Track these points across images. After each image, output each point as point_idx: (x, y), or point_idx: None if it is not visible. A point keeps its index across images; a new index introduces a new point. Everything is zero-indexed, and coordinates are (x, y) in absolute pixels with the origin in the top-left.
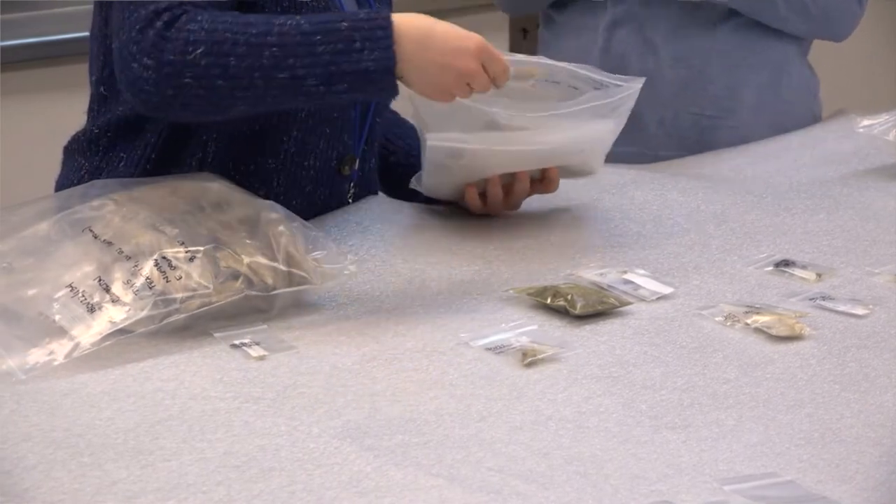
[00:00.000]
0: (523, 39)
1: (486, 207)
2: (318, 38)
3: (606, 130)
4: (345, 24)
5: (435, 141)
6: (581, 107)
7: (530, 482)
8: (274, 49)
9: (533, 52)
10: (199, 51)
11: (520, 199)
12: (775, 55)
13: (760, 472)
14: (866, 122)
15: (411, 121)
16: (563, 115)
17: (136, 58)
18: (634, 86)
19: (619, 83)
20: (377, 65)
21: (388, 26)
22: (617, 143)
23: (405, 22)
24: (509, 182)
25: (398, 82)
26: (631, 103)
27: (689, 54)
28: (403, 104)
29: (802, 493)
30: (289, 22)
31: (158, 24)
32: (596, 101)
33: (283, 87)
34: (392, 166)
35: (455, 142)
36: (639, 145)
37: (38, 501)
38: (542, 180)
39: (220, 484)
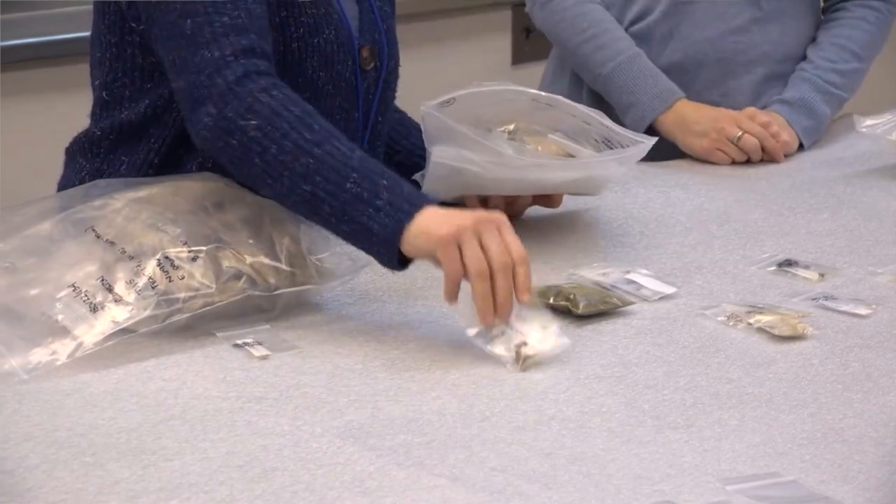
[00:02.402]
0: (526, 39)
1: None
2: (354, 175)
3: (613, 174)
4: (385, 181)
5: (439, 158)
6: (589, 160)
7: (533, 482)
8: (311, 161)
9: (536, 53)
10: (252, 122)
11: (521, 210)
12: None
13: (763, 471)
14: (869, 122)
15: (418, 121)
16: (570, 163)
17: (204, 104)
18: (647, 144)
19: (634, 139)
20: (382, 230)
21: (418, 204)
22: None
23: (438, 210)
24: (512, 196)
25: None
26: (640, 155)
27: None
28: (410, 104)
29: (805, 493)
30: (343, 148)
31: (230, 74)
32: (607, 156)
33: (302, 199)
34: (397, 166)
35: (459, 161)
36: None
37: (41, 501)
38: (546, 196)
39: (223, 484)
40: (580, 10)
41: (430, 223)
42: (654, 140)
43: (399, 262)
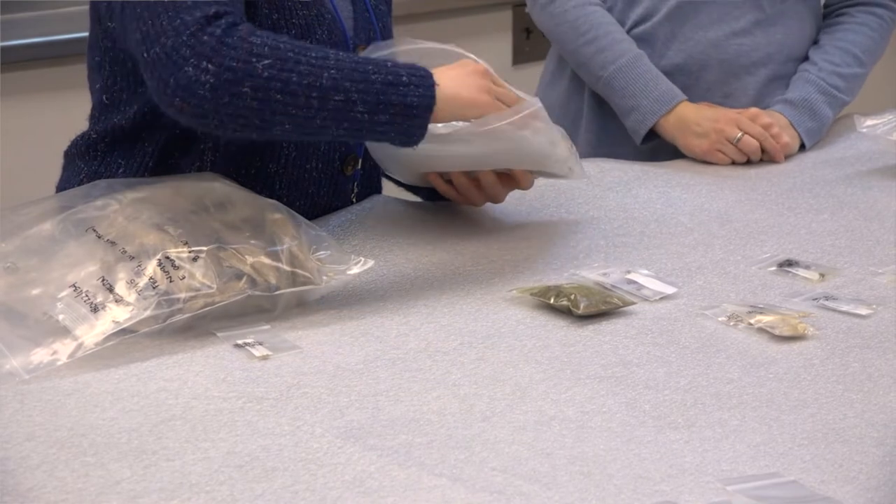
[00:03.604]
0: (526, 39)
1: (461, 197)
2: (371, 67)
3: (531, 143)
4: (387, 61)
5: None
6: (477, 129)
7: (533, 482)
8: (333, 71)
9: (536, 54)
10: (264, 62)
11: (494, 191)
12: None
13: (763, 472)
14: (869, 122)
15: None
16: (460, 133)
17: (192, 62)
18: (534, 102)
19: (523, 97)
20: (420, 101)
21: (428, 71)
22: None
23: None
24: (475, 175)
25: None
26: (543, 114)
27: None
28: None
29: (806, 494)
30: (340, 53)
31: (216, 30)
32: (496, 122)
33: (334, 111)
34: None
35: None
36: None
37: (42, 501)
38: (511, 176)
39: (224, 484)
40: (581, 12)
41: (453, 87)
42: (536, 100)
43: (424, 130)
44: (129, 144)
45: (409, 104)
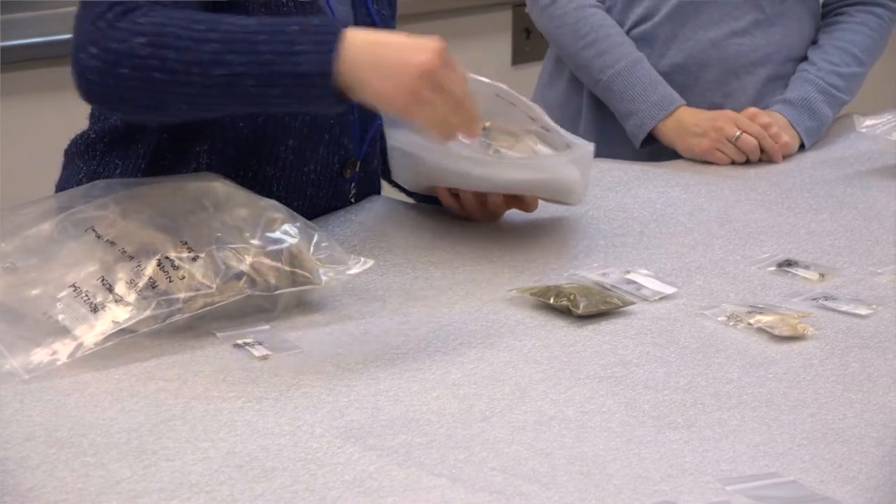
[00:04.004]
0: (526, 39)
1: (462, 209)
2: (263, 37)
3: (571, 177)
4: (295, 27)
5: (393, 141)
6: (534, 161)
7: (533, 482)
8: (215, 45)
9: (536, 53)
10: (139, 40)
11: (495, 211)
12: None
13: (763, 472)
14: (869, 122)
15: None
16: (514, 163)
17: (85, 48)
18: (588, 148)
19: (573, 141)
20: (313, 68)
21: (336, 32)
22: None
23: (360, 32)
24: (484, 193)
25: (347, 93)
26: (589, 159)
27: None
28: None
29: (805, 494)
30: (239, 21)
31: (110, 15)
32: (552, 157)
33: (220, 87)
34: None
35: (413, 147)
36: None
37: (42, 501)
38: (519, 199)
39: (223, 483)
40: (581, 14)
41: (373, 71)
42: (592, 145)
43: (338, 97)
44: (124, 145)
45: (300, 73)
